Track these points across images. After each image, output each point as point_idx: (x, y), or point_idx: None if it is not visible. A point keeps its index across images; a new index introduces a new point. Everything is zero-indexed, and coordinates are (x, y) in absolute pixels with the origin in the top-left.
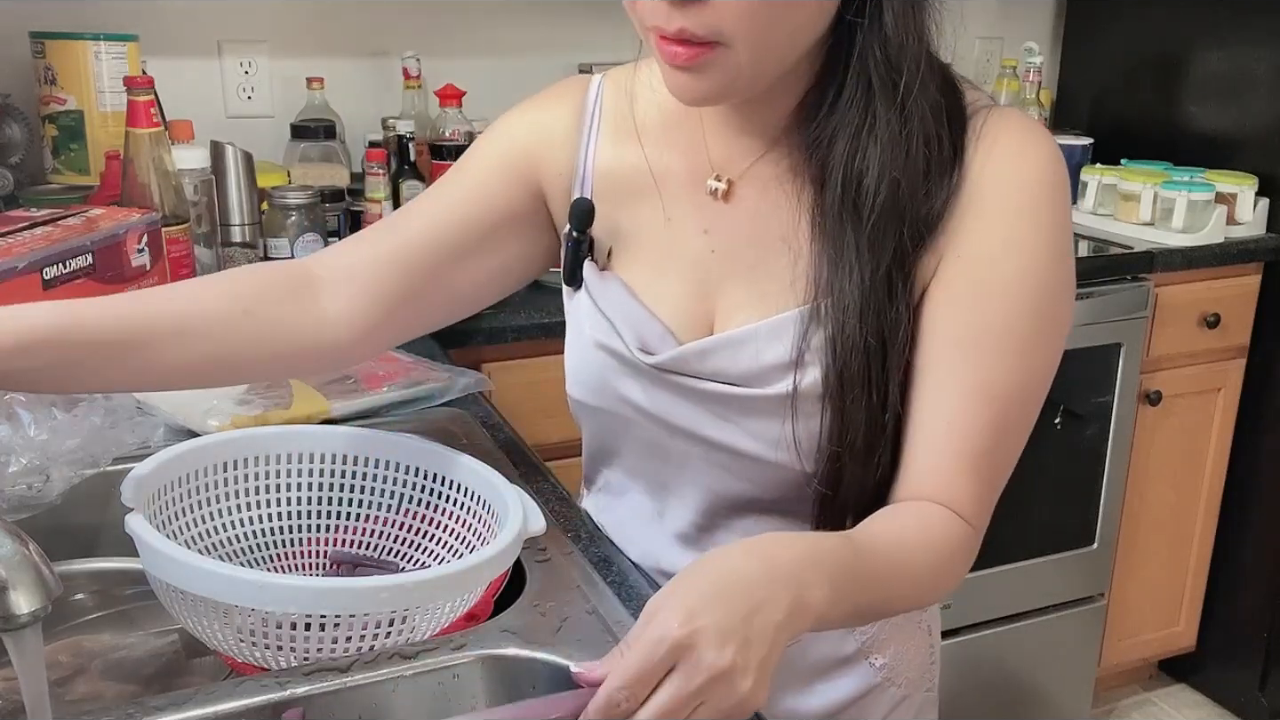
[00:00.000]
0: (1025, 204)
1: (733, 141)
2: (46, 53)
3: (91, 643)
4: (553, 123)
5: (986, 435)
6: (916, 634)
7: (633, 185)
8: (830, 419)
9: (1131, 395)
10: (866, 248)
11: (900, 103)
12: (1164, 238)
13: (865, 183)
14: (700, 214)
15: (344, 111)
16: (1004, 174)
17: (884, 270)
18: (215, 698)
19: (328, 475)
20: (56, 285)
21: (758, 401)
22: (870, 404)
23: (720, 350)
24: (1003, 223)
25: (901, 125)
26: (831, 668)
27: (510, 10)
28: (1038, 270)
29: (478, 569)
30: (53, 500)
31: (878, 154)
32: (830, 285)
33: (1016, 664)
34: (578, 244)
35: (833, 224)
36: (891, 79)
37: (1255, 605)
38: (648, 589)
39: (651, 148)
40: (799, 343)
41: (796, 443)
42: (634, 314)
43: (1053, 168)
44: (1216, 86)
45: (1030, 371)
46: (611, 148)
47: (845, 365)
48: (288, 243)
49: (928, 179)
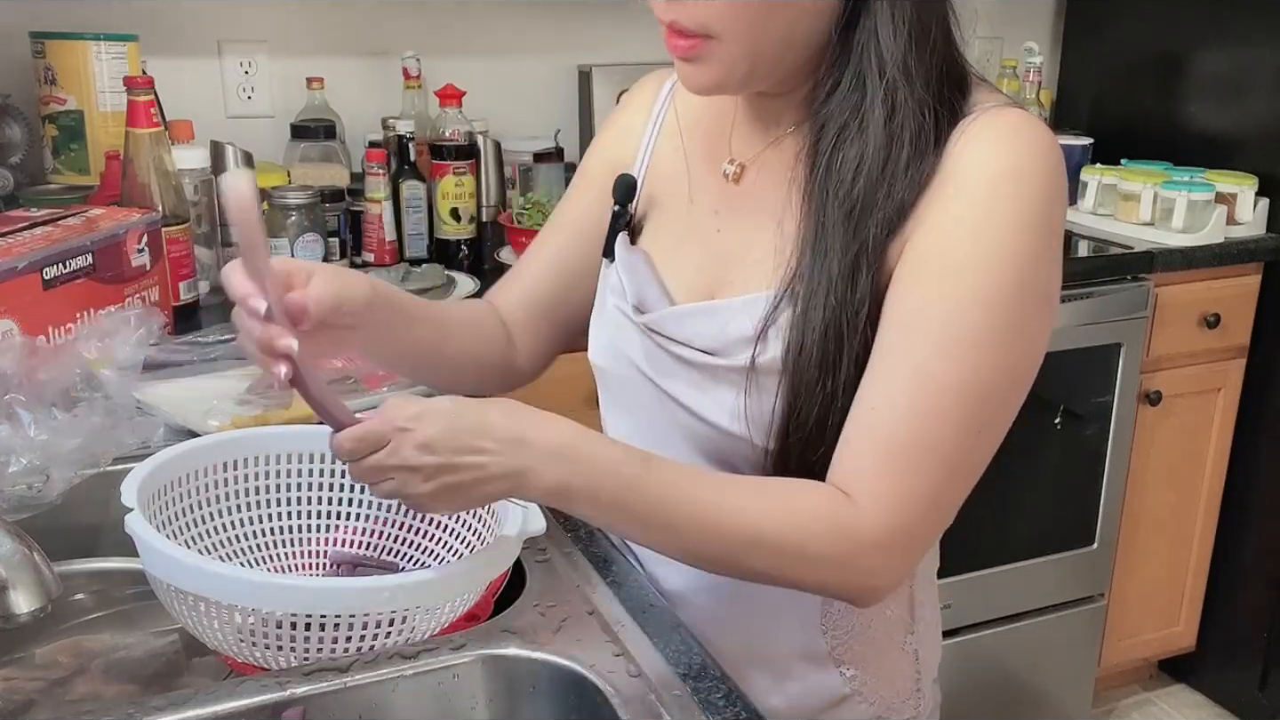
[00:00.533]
0: (994, 191)
1: (751, 130)
2: (46, 53)
3: (91, 643)
4: (629, 122)
5: (915, 424)
6: (900, 657)
7: (672, 170)
8: (783, 397)
9: (1131, 395)
10: (839, 233)
11: (888, 98)
12: (1164, 238)
13: (844, 170)
14: (714, 195)
15: (344, 111)
16: (973, 161)
17: (852, 256)
18: (215, 698)
19: (328, 475)
20: (56, 285)
21: (720, 371)
22: (824, 387)
23: (694, 317)
24: (968, 209)
25: (886, 120)
26: (797, 662)
27: (510, 10)
28: (1002, 259)
29: (478, 569)
30: (53, 500)
31: (861, 144)
32: (804, 269)
33: (1016, 664)
34: (616, 217)
35: (815, 208)
36: (884, 74)
37: (1255, 605)
38: (648, 589)
39: (689, 137)
40: (765, 319)
41: (748, 416)
42: (643, 278)
43: (1029, 161)
44: (1216, 86)
45: (984, 369)
46: (666, 139)
47: (803, 345)
48: (288, 242)
49: (907, 172)
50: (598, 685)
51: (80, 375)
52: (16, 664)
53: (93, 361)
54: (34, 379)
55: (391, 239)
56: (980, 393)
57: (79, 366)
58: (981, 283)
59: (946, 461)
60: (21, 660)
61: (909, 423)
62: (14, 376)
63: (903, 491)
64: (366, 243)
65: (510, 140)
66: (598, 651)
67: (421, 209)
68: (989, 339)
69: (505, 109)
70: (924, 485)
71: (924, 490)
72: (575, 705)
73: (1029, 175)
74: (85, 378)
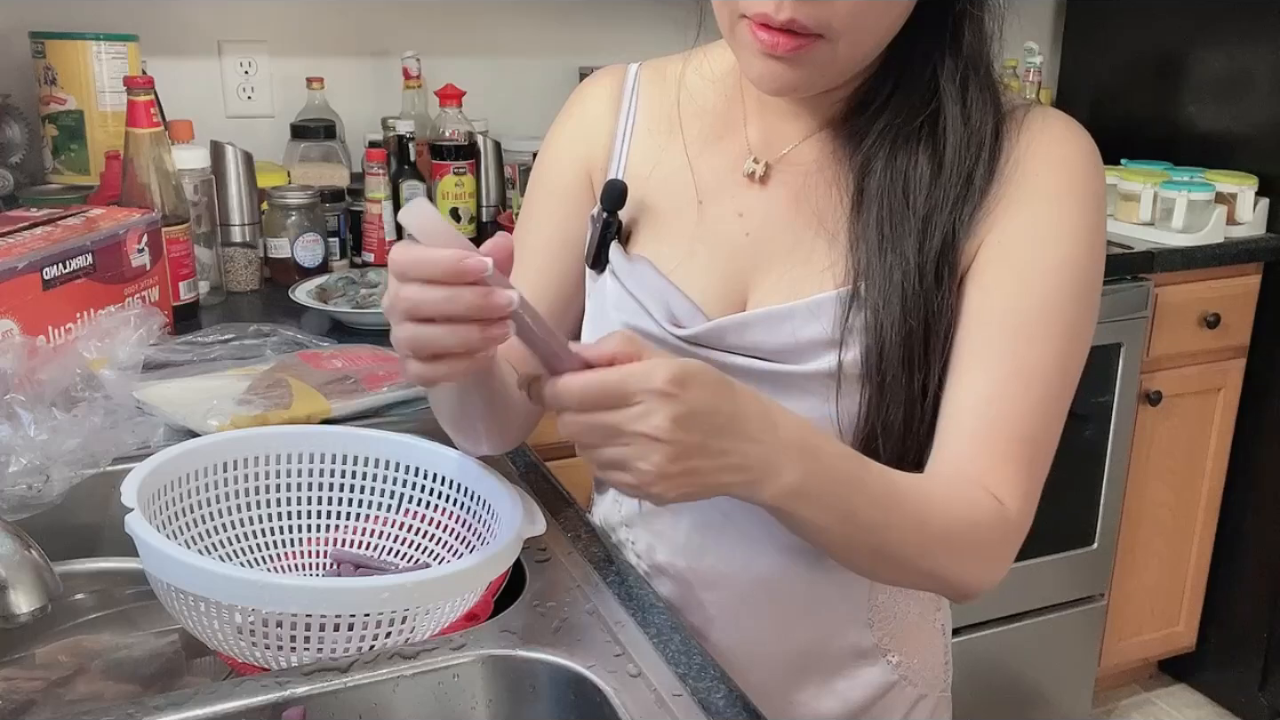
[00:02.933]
0: (1065, 188)
1: (773, 127)
2: (46, 53)
3: (91, 643)
4: (593, 119)
5: (1029, 420)
6: (933, 634)
7: (667, 168)
8: (870, 398)
9: (1131, 395)
10: (914, 236)
11: (964, 96)
12: (1164, 238)
13: (918, 175)
14: (735, 197)
15: (344, 111)
16: (1046, 159)
17: (931, 257)
18: (215, 698)
19: (328, 475)
20: (56, 285)
21: (795, 378)
22: (910, 385)
23: (757, 324)
24: (1045, 205)
25: (965, 118)
26: (850, 662)
27: (510, 10)
28: (1078, 253)
29: (478, 569)
30: (53, 500)
31: (934, 149)
32: (870, 269)
33: (1016, 664)
34: (606, 225)
35: (879, 212)
36: (962, 71)
37: (1255, 605)
38: (648, 589)
39: (690, 132)
40: (841, 322)
41: (839, 420)
42: (664, 291)
43: (1093, 158)
44: (1216, 86)
45: (1069, 355)
46: (648, 133)
47: (887, 345)
48: (288, 243)
49: (979, 171)
50: (598, 685)
51: (80, 375)
52: (16, 664)
53: (93, 361)
54: (34, 379)
55: (391, 239)
56: (1071, 379)
57: (79, 366)
58: (1067, 279)
59: (1051, 449)
60: (21, 660)
61: (1026, 420)
62: (14, 376)
63: (1032, 489)
64: (366, 243)
65: (510, 140)
66: (598, 651)
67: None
68: (1074, 329)
69: (505, 109)
70: (1040, 475)
71: (1040, 480)
72: (575, 705)
73: (1094, 169)
74: (85, 378)
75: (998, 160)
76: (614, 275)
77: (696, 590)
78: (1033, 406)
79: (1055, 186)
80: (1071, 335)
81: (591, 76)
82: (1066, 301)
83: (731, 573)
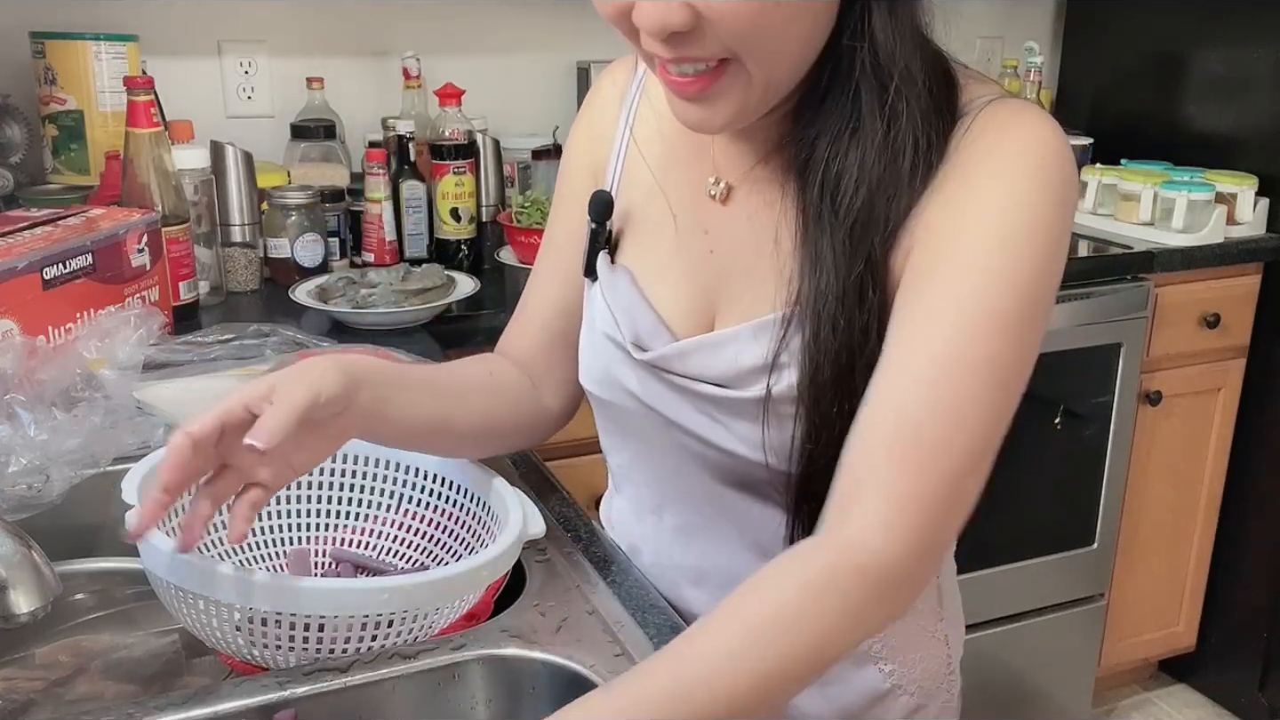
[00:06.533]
0: (1006, 171)
1: (735, 145)
2: (46, 53)
3: (91, 643)
4: (600, 122)
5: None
6: (930, 643)
7: (649, 181)
8: (803, 424)
9: (1131, 395)
10: (842, 251)
11: (887, 107)
12: (1164, 238)
13: (844, 185)
14: (702, 215)
15: (344, 111)
16: (982, 147)
17: (857, 274)
18: (215, 698)
19: (328, 475)
20: (56, 285)
21: (736, 404)
22: (843, 410)
23: (699, 352)
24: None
25: (886, 129)
26: (841, 668)
27: (510, 10)
28: (1017, 239)
29: (477, 570)
30: (53, 500)
31: (859, 157)
32: (803, 290)
33: (1016, 664)
34: (595, 235)
35: (813, 227)
36: (880, 83)
37: (1255, 605)
38: (648, 589)
39: (665, 148)
40: (776, 346)
41: (768, 446)
42: (634, 308)
43: (1039, 146)
44: (1216, 86)
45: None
46: (644, 140)
47: (818, 370)
48: (288, 243)
49: (909, 180)
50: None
51: (80, 375)
52: (16, 664)
53: (93, 361)
54: (34, 379)
55: (391, 239)
56: (995, 381)
57: (79, 366)
58: (1004, 266)
59: (955, 458)
60: (21, 660)
61: (917, 411)
62: (14, 376)
63: (916, 492)
64: (366, 243)
65: (508, 138)
66: (598, 651)
67: (421, 209)
68: (1007, 321)
69: (504, 106)
70: (937, 489)
71: (940, 495)
72: None
73: (1037, 155)
74: (85, 378)
75: (935, 169)
76: (601, 286)
77: (682, 589)
78: (935, 402)
79: (989, 179)
80: (1003, 329)
81: (608, 69)
82: (1000, 288)
83: (714, 570)
